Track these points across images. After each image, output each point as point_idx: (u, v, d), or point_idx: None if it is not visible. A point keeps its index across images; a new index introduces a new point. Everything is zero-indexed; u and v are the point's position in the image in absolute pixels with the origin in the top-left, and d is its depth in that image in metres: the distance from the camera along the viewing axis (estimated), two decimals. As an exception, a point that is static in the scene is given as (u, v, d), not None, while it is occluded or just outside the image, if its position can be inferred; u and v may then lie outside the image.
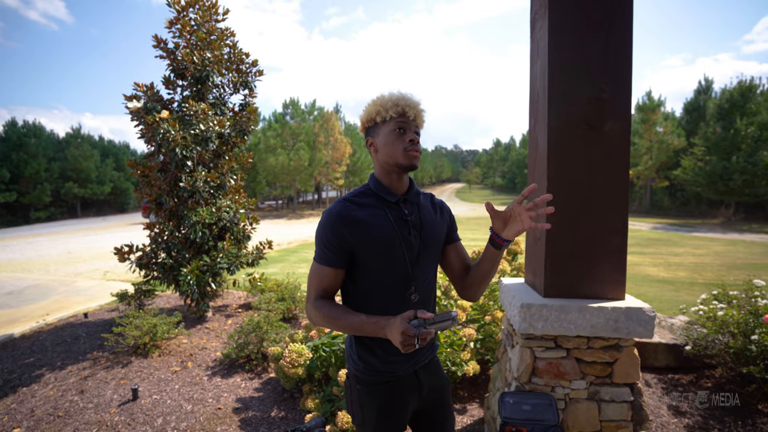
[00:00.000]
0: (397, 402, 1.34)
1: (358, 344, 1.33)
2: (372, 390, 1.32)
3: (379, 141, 1.29)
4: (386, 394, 1.32)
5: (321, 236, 1.27)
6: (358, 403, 1.35)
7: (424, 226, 1.34)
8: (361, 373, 1.33)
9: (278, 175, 31.74)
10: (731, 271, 9.30)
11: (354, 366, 1.35)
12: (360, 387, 1.34)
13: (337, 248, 1.24)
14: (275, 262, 10.28)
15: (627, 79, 2.07)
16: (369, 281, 1.28)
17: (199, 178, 4.50)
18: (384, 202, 1.30)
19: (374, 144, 1.31)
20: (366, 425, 1.34)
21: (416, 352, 1.36)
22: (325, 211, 1.29)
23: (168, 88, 4.86)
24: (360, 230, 1.24)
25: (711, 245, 14.64)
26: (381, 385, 1.32)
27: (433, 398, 1.45)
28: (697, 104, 31.86)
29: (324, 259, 1.27)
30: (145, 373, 3.65)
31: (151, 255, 4.63)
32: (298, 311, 5.02)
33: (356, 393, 1.34)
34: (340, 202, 1.29)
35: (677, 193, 31.13)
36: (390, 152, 1.27)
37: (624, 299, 2.09)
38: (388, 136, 1.27)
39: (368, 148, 1.34)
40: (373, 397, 1.32)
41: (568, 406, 2.07)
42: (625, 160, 2.09)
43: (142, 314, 4.14)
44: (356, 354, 1.33)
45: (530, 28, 2.47)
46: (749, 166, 22.95)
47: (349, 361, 1.38)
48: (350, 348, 1.37)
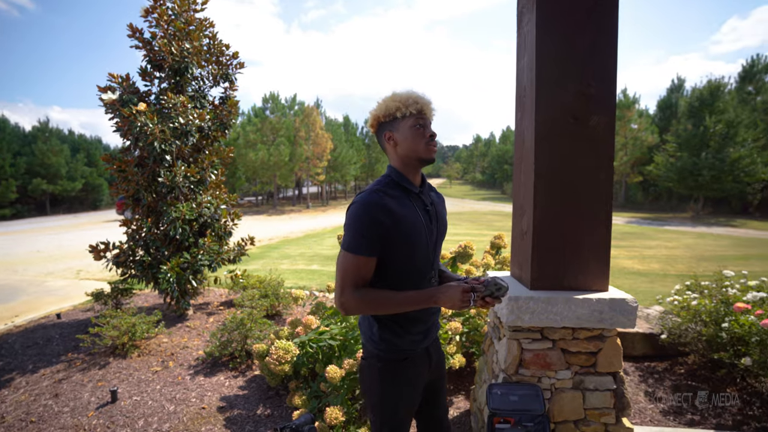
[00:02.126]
0: (416, 374, 1.50)
1: (382, 327, 1.44)
2: (395, 366, 1.46)
3: (399, 135, 1.39)
4: (408, 368, 1.47)
5: (358, 226, 1.32)
6: (378, 380, 1.46)
7: (438, 217, 1.50)
8: (383, 353, 1.45)
9: (258, 171, 31.24)
10: (701, 263, 9.70)
11: (376, 347, 1.46)
12: (381, 365, 1.45)
13: (375, 236, 1.31)
14: (257, 258, 10.13)
15: (612, 74, 2.10)
16: (396, 268, 1.38)
17: (178, 173, 4.36)
18: (408, 193, 1.40)
19: (393, 138, 1.40)
20: (387, 400, 1.47)
21: (429, 330, 1.52)
22: (356, 202, 1.34)
23: (145, 79, 4.70)
24: (395, 218, 1.32)
25: (682, 238, 15.23)
26: (402, 361, 1.46)
27: (437, 371, 1.62)
28: (669, 102, 32.96)
29: (361, 249, 1.32)
30: (124, 374, 3.54)
31: (129, 252, 4.48)
32: (281, 308, 4.96)
33: (377, 371, 1.46)
34: (371, 192, 1.34)
35: (650, 188, 32.21)
36: (412, 146, 1.37)
37: (608, 290, 2.14)
38: (409, 131, 1.37)
39: (386, 142, 1.42)
40: (396, 372, 1.46)
41: (554, 396, 2.11)
42: (609, 153, 2.13)
43: (119, 314, 4.01)
44: (378, 336, 1.45)
45: (517, 22, 2.48)
46: (717, 163, 23.94)
47: (369, 343, 1.49)
48: (370, 332, 1.48)
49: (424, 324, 1.49)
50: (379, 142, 1.46)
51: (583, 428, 2.08)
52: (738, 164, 23.51)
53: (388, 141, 1.41)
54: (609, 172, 2.14)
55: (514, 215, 2.53)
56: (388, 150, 1.43)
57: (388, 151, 1.43)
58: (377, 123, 1.43)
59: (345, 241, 1.34)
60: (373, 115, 1.42)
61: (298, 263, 9.65)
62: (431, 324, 1.53)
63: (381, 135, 1.43)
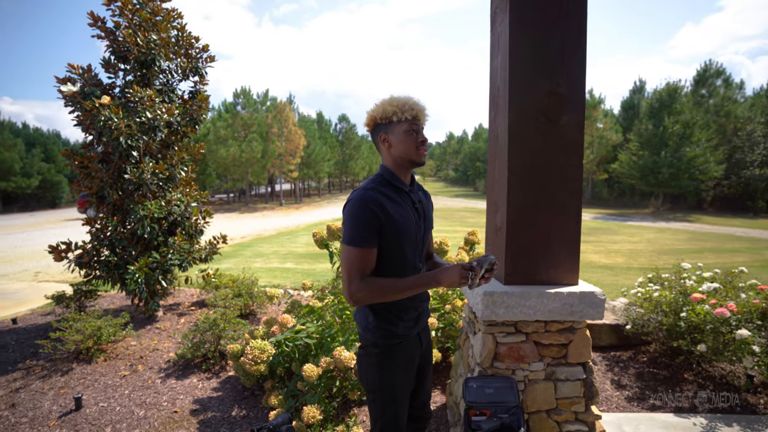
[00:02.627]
0: (410, 358, 1.62)
1: (378, 317, 1.55)
2: (390, 351, 1.56)
3: (394, 138, 1.49)
4: (402, 352, 1.58)
5: (360, 220, 1.41)
6: (376, 367, 1.56)
7: (426, 214, 1.62)
8: (381, 340, 1.55)
9: (229, 168, 30.46)
10: (661, 256, 10.22)
11: (373, 335, 1.56)
12: (378, 350, 1.56)
13: (373, 229, 1.41)
14: (229, 257, 9.90)
15: (581, 74, 2.17)
16: (389, 260, 1.48)
17: (146, 169, 4.19)
18: (399, 191, 1.51)
19: (388, 140, 1.49)
20: (386, 383, 1.57)
21: (420, 316, 1.65)
22: (353, 200, 1.43)
23: (108, 71, 4.48)
24: (388, 215, 1.42)
25: (643, 233, 15.98)
26: (397, 345, 1.57)
27: (426, 354, 1.74)
28: (632, 103, 34.42)
29: (362, 241, 1.41)
30: (90, 380, 3.39)
31: (93, 253, 4.28)
32: (255, 307, 4.87)
33: (374, 357, 1.56)
34: (367, 190, 1.44)
35: (615, 185, 33.60)
36: (404, 149, 1.48)
37: (578, 284, 2.23)
38: (403, 135, 1.47)
39: (381, 143, 1.51)
40: (392, 356, 1.56)
41: (528, 387, 2.17)
42: (579, 151, 2.21)
43: (83, 317, 3.82)
44: (374, 325, 1.55)
45: (491, 22, 2.52)
46: (675, 161, 25.25)
47: (366, 333, 1.58)
48: (366, 322, 1.57)
49: (415, 311, 1.61)
50: (374, 141, 1.55)
51: (554, 417, 2.16)
52: (693, 163, 24.88)
53: (382, 142, 1.50)
54: (579, 170, 2.22)
55: (488, 211, 2.58)
56: (382, 150, 1.52)
57: (381, 151, 1.53)
58: (373, 123, 1.52)
59: (347, 236, 1.42)
60: (370, 116, 1.51)
61: (271, 261, 9.50)
62: (422, 311, 1.65)
63: (376, 135, 1.52)
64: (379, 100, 1.52)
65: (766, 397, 3.12)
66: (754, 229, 17.90)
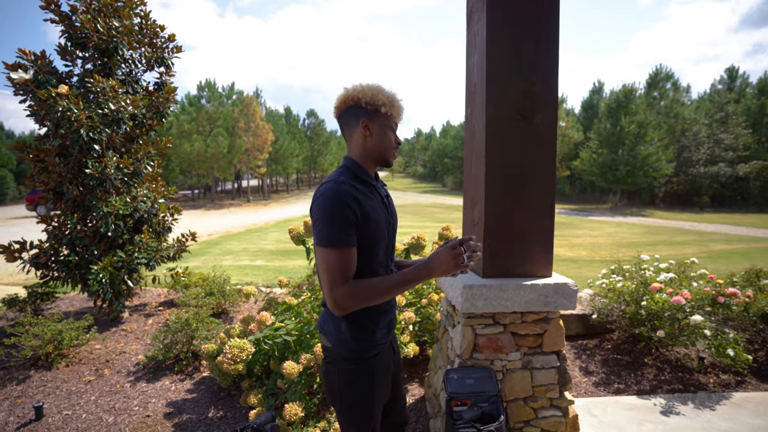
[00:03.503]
0: (386, 369, 1.50)
1: (353, 326, 1.38)
2: (367, 365, 1.41)
3: (376, 129, 1.38)
4: (379, 364, 1.45)
5: (335, 217, 1.25)
6: (351, 383, 1.40)
7: (393, 210, 1.51)
8: (355, 353, 1.40)
9: (194, 163, 29.36)
10: (620, 249, 10.80)
11: (347, 348, 1.39)
12: (353, 367, 1.39)
13: (352, 226, 1.27)
14: (197, 255, 9.59)
15: (554, 73, 2.26)
16: (363, 260, 1.33)
17: (109, 164, 3.98)
18: (367, 185, 1.39)
19: (370, 127, 1.37)
20: (363, 400, 1.42)
21: (391, 321, 1.51)
22: (325, 194, 1.27)
23: (65, 58, 4.21)
24: (363, 210, 1.30)
25: (603, 227, 16.80)
26: (374, 358, 1.43)
27: (397, 360, 1.63)
28: (591, 103, 35.99)
29: (344, 241, 1.25)
30: (50, 388, 3.20)
31: (51, 252, 4.03)
32: (228, 305, 4.75)
33: (347, 374, 1.40)
34: (339, 183, 1.29)
35: (576, 182, 35.06)
36: (382, 144, 1.39)
37: (552, 276, 2.32)
38: (385, 130, 1.39)
39: (359, 128, 1.37)
40: (369, 371, 1.42)
41: (506, 377, 2.25)
42: (552, 149, 2.30)
43: (41, 320, 3.60)
44: (350, 335, 1.38)
45: (467, 21, 2.57)
46: (631, 159, 26.66)
47: (337, 345, 1.40)
48: (338, 332, 1.40)
49: (387, 315, 1.48)
50: (345, 123, 1.40)
51: (531, 404, 2.25)
52: (647, 160, 26.37)
53: (363, 128, 1.36)
54: (552, 167, 2.31)
55: (465, 206, 2.64)
56: (356, 137, 1.38)
57: (354, 138, 1.39)
58: (355, 104, 1.36)
59: (322, 237, 1.26)
60: (352, 96, 1.35)
61: (241, 259, 9.28)
62: (392, 315, 1.52)
63: (355, 118, 1.37)
64: (360, 82, 1.38)
65: (715, 377, 3.38)
66: (700, 223, 19.25)
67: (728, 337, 3.20)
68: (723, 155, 27.10)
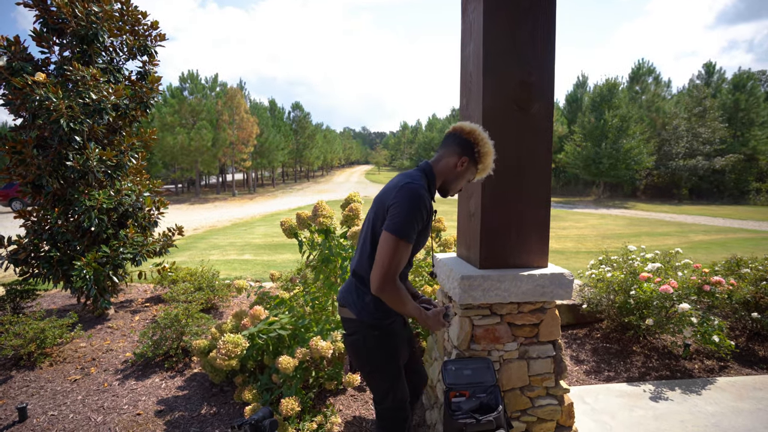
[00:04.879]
0: (402, 333, 1.76)
1: (375, 299, 1.63)
2: (389, 330, 1.68)
3: (462, 171, 1.63)
4: (397, 329, 1.71)
5: (416, 217, 1.47)
6: (379, 346, 1.66)
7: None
8: (379, 321, 1.65)
9: (177, 156, 28.73)
10: (605, 240, 11.00)
11: (372, 317, 1.64)
12: (378, 332, 1.65)
13: (417, 228, 1.51)
14: (183, 250, 9.40)
15: (551, 63, 2.24)
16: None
17: (91, 156, 3.83)
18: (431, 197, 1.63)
19: (462, 166, 1.61)
20: (389, 360, 1.68)
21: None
22: (414, 191, 1.48)
23: (41, 45, 4.02)
24: (426, 220, 1.55)
25: (588, 219, 17.11)
26: (391, 325, 1.68)
27: (408, 328, 1.91)
28: (576, 96, 36.43)
29: (410, 237, 1.48)
30: (34, 388, 3.09)
31: (31, 248, 3.88)
32: (217, 300, 4.68)
33: (375, 338, 1.65)
34: (422, 188, 1.51)
35: (561, 175, 35.56)
36: (456, 182, 1.66)
37: (547, 266, 2.33)
38: (466, 175, 1.65)
39: (459, 159, 1.61)
40: (391, 334, 1.69)
41: (503, 367, 2.26)
42: (548, 139, 2.29)
43: (22, 319, 3.47)
44: (372, 306, 1.64)
45: (462, 10, 2.54)
46: (614, 152, 27.15)
47: (363, 314, 1.65)
48: (363, 303, 1.65)
49: None
50: (452, 144, 1.62)
51: (528, 393, 2.27)
52: (629, 153, 26.90)
53: (460, 163, 1.60)
54: (548, 157, 2.31)
55: (460, 198, 2.62)
56: (450, 161, 1.62)
57: (447, 159, 1.62)
58: (472, 143, 1.59)
59: (400, 229, 1.45)
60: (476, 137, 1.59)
61: (228, 254, 9.14)
62: None
63: (462, 149, 1.60)
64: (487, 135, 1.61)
65: (700, 363, 3.48)
66: (679, 215, 19.76)
67: (713, 324, 3.28)
68: (701, 149, 27.82)
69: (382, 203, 1.57)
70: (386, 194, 1.56)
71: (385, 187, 1.64)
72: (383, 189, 1.65)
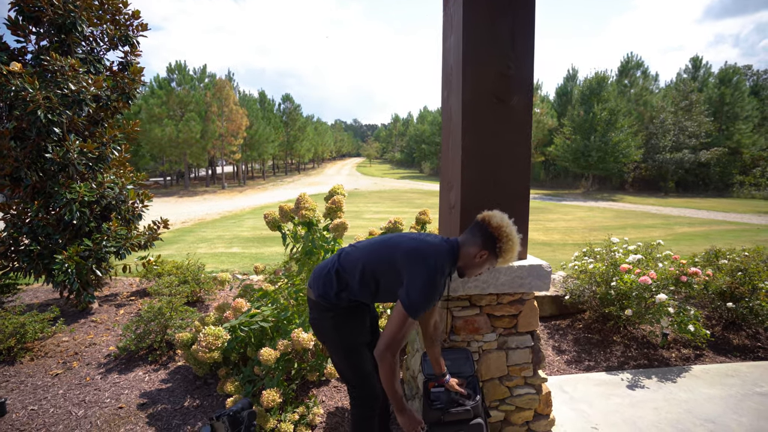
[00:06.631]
0: (363, 319, 1.86)
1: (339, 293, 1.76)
2: (344, 312, 1.79)
3: (480, 261, 1.67)
4: (355, 312, 1.82)
5: (430, 294, 1.58)
6: (332, 327, 1.80)
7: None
8: (333, 305, 1.77)
9: (165, 149, 28.31)
10: (592, 233, 11.15)
11: (336, 300, 1.76)
12: (333, 314, 1.78)
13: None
14: (170, 243, 9.32)
15: (530, 57, 2.25)
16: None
17: (72, 148, 3.76)
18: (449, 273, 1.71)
19: (481, 258, 1.66)
20: (344, 337, 1.81)
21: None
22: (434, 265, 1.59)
23: (16, 34, 3.91)
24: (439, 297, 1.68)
25: (576, 212, 17.30)
26: (348, 308, 1.79)
27: (374, 315, 2.04)
28: (566, 89, 36.57)
29: (421, 315, 1.61)
30: (14, 383, 3.06)
31: (10, 242, 3.81)
32: (203, 293, 4.66)
33: (328, 320, 1.79)
34: (444, 266, 1.62)
35: (550, 167, 35.82)
36: (474, 270, 1.72)
37: (527, 258, 2.36)
38: (485, 265, 1.69)
39: (478, 251, 1.65)
40: (346, 316, 1.80)
41: (482, 357, 2.30)
42: (527, 132, 2.31)
43: (1, 313, 3.42)
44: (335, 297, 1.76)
45: (443, 2, 2.52)
46: (602, 145, 27.41)
47: (323, 300, 1.77)
48: (329, 293, 1.76)
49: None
50: (477, 233, 1.65)
51: (506, 383, 2.31)
52: (618, 147, 27.18)
53: (480, 254, 1.65)
54: (527, 150, 2.33)
55: (442, 190, 2.64)
56: (472, 249, 1.66)
57: (470, 246, 1.67)
58: (495, 239, 1.61)
59: (415, 311, 1.55)
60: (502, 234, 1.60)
61: (216, 246, 9.09)
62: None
63: (484, 241, 1.63)
64: (515, 237, 1.63)
65: (677, 351, 3.57)
66: (666, 207, 20.09)
67: (689, 313, 3.36)
68: (687, 142, 28.19)
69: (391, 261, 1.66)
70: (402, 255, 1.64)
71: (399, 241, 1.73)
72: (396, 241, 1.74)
